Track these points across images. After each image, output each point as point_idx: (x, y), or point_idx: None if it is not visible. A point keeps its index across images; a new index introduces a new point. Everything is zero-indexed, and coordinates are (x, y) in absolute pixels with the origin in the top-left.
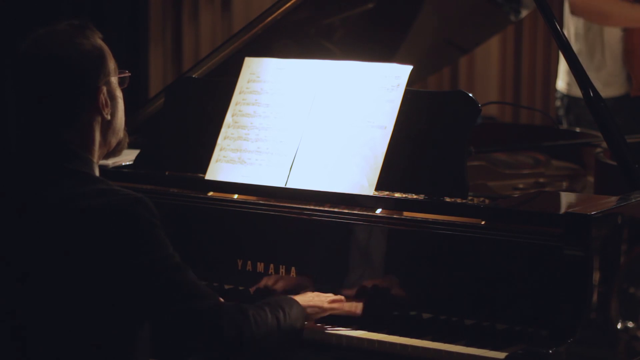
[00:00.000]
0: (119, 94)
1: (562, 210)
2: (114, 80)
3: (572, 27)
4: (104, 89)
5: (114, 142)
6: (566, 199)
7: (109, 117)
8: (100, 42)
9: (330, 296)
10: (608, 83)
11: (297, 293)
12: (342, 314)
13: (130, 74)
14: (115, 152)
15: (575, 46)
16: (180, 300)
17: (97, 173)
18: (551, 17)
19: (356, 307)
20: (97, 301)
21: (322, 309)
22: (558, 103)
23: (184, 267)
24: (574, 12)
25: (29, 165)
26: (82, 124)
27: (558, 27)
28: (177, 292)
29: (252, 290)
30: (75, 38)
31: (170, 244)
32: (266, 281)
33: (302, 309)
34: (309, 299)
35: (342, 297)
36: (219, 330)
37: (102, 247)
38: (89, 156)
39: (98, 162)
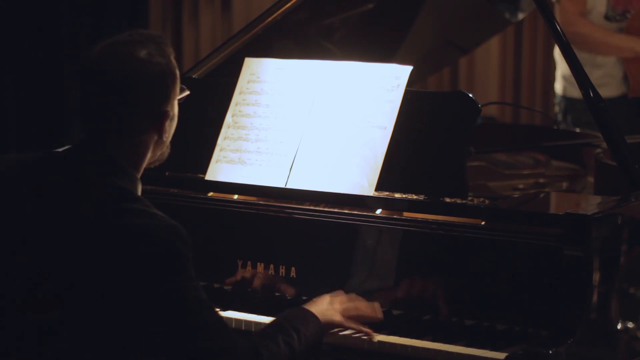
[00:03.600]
0: (177, 112)
1: (562, 210)
2: (176, 101)
3: None
4: (170, 114)
5: (158, 154)
6: (566, 199)
7: (165, 139)
8: (174, 61)
9: (350, 299)
10: (605, 84)
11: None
12: (358, 333)
13: (189, 93)
14: (156, 161)
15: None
16: (193, 336)
17: (139, 190)
18: (551, 17)
19: (371, 334)
20: (115, 320)
21: (340, 326)
22: (557, 108)
23: (204, 303)
24: None
25: (72, 173)
26: (139, 142)
27: (558, 27)
28: (191, 327)
29: (251, 289)
30: (152, 57)
31: (195, 278)
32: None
33: (320, 324)
34: (328, 315)
35: (359, 306)
36: None
37: (128, 268)
38: (134, 172)
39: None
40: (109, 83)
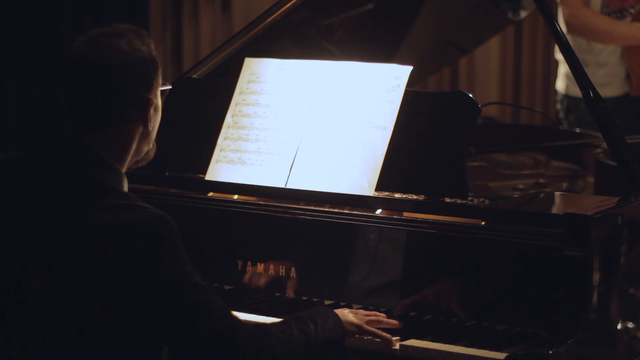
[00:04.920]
0: (160, 104)
1: (562, 210)
2: (159, 91)
3: None
4: (154, 101)
5: (144, 150)
6: (566, 199)
7: (150, 129)
8: (154, 51)
9: (369, 314)
10: (608, 83)
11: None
12: (377, 339)
13: (171, 87)
14: (141, 161)
15: (574, 47)
16: (196, 320)
17: (125, 185)
18: (551, 17)
19: (391, 341)
20: (113, 319)
21: (360, 329)
22: (558, 106)
23: (202, 287)
24: (570, 32)
25: (55, 170)
26: (124, 132)
27: (558, 27)
28: (193, 312)
29: (250, 290)
30: (134, 45)
31: (189, 263)
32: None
33: (340, 321)
34: (349, 316)
35: (380, 315)
36: (236, 352)
37: (119, 263)
38: (119, 167)
39: (126, 170)
40: (92, 73)
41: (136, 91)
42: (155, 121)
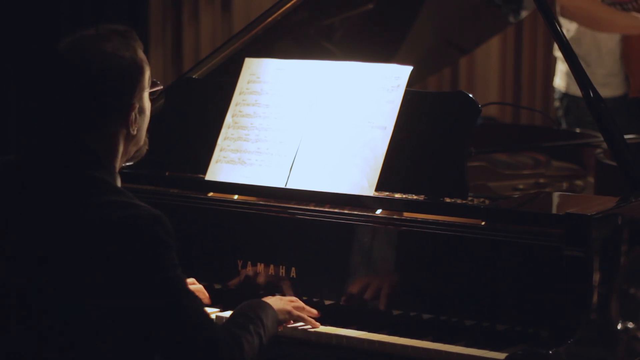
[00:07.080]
0: (147, 106)
1: (562, 210)
2: (146, 94)
3: (570, 28)
4: (137, 105)
5: (133, 151)
6: (566, 199)
7: (134, 133)
8: (141, 54)
9: (292, 300)
10: (607, 83)
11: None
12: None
13: (162, 87)
14: (132, 158)
15: (573, 46)
16: (180, 325)
17: (118, 182)
18: (551, 17)
19: (314, 323)
20: (104, 316)
21: (291, 316)
22: (557, 104)
23: (189, 292)
24: (564, 14)
25: (50, 167)
26: (108, 135)
27: (558, 27)
28: (176, 318)
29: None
30: (118, 50)
31: (179, 267)
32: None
33: (276, 315)
34: (279, 304)
35: (302, 304)
36: None
37: (114, 258)
38: (112, 164)
39: (118, 170)
40: (76, 77)
41: (118, 96)
42: (141, 123)
